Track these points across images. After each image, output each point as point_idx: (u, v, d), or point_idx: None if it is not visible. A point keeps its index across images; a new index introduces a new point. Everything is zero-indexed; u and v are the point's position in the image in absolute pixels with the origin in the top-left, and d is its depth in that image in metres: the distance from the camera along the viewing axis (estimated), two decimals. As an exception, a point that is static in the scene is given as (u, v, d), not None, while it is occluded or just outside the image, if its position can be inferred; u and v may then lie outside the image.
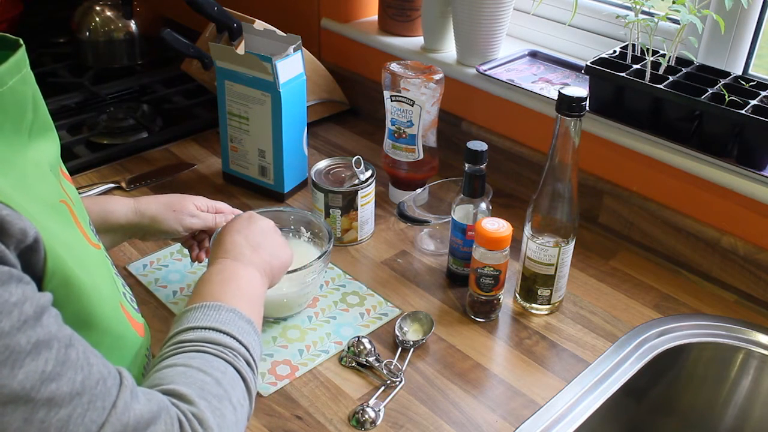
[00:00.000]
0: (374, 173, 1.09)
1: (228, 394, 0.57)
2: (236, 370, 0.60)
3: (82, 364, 0.47)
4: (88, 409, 0.46)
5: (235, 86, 1.16)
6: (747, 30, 1.07)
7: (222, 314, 0.65)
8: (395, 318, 0.95)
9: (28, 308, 0.45)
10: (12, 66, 0.52)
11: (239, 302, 0.68)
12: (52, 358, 0.45)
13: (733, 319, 0.97)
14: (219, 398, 0.56)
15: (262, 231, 0.81)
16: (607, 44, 1.22)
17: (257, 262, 0.77)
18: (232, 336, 0.63)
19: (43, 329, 0.45)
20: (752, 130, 0.95)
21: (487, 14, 1.21)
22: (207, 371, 0.58)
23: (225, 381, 0.58)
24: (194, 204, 0.94)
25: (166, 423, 0.51)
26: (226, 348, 0.61)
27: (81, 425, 0.45)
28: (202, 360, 0.59)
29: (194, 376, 0.57)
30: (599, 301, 1.01)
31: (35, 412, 0.43)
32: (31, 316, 0.45)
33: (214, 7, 1.27)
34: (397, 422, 0.81)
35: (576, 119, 0.86)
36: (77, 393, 0.46)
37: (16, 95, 0.53)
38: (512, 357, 0.91)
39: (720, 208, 1.03)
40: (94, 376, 0.48)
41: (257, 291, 0.74)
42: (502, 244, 0.91)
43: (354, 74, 1.49)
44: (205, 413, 0.54)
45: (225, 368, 0.59)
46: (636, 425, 0.98)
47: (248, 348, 0.64)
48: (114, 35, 1.65)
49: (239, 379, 0.60)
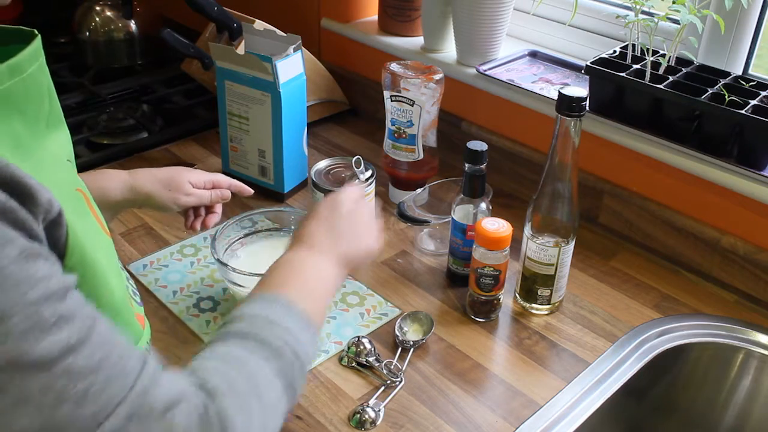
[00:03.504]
0: (374, 173, 1.09)
1: (259, 394, 0.56)
2: (275, 369, 0.59)
3: (103, 343, 0.48)
4: (106, 386, 0.46)
5: (235, 86, 1.16)
6: (747, 30, 1.07)
7: (276, 309, 0.63)
8: (395, 318, 0.95)
9: (54, 284, 0.45)
10: (31, 54, 0.53)
11: (300, 296, 0.67)
12: (75, 334, 0.45)
13: (733, 319, 0.97)
14: (248, 397, 0.55)
15: (345, 220, 0.79)
16: (607, 44, 1.22)
17: (335, 253, 0.75)
18: (280, 333, 0.61)
19: (67, 306, 0.46)
20: (752, 130, 0.95)
21: (487, 14, 1.21)
22: (242, 368, 0.57)
23: (259, 380, 0.57)
24: (190, 181, 0.95)
25: (184, 411, 0.50)
26: (269, 346, 0.60)
27: (98, 400, 0.46)
28: (241, 355, 0.58)
29: (228, 372, 0.56)
30: (599, 301, 1.01)
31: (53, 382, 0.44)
32: (56, 292, 0.45)
33: (214, 7, 1.27)
34: (397, 422, 0.81)
35: (576, 119, 0.86)
36: (95, 369, 0.46)
37: (36, 83, 0.54)
38: (512, 357, 0.91)
39: (720, 208, 1.03)
40: (114, 355, 0.48)
41: (326, 284, 0.72)
42: (502, 244, 0.91)
43: (354, 74, 1.49)
44: (230, 410, 0.53)
45: (262, 367, 0.58)
46: (636, 425, 0.98)
47: (295, 346, 0.61)
48: (114, 35, 1.65)
49: (276, 379, 0.59)
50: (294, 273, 0.70)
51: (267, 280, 0.69)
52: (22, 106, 0.53)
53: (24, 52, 0.52)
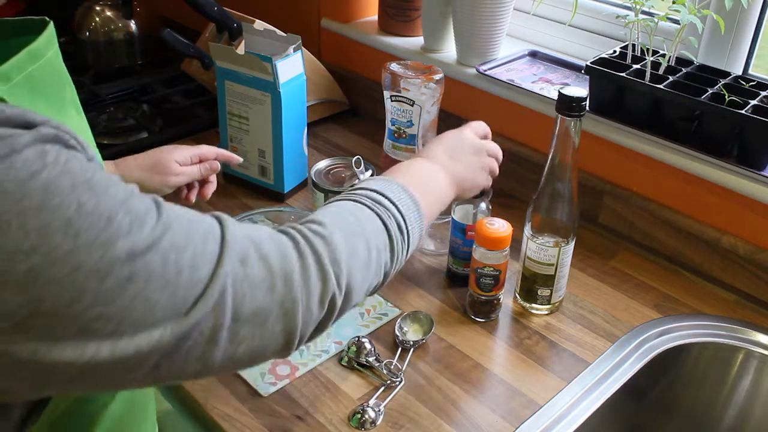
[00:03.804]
0: (374, 173, 1.09)
1: (366, 235, 0.62)
2: (384, 224, 0.65)
3: (180, 216, 0.51)
4: (205, 245, 0.51)
5: (235, 86, 1.16)
6: (747, 30, 1.07)
7: (391, 186, 0.70)
8: (395, 318, 0.95)
9: (124, 184, 0.49)
10: (47, 39, 0.54)
11: (415, 187, 0.72)
12: (163, 215, 0.49)
13: (733, 319, 0.97)
14: (356, 235, 0.61)
15: (467, 146, 0.86)
16: (607, 44, 1.22)
17: (450, 169, 0.82)
18: (392, 201, 0.68)
19: (143, 197, 0.50)
20: (752, 130, 0.95)
21: (487, 14, 1.21)
22: (354, 214, 0.63)
23: (369, 227, 0.63)
24: (176, 160, 0.97)
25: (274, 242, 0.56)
26: (382, 207, 0.66)
27: (205, 260, 0.50)
28: (354, 206, 0.65)
29: (339, 214, 0.63)
30: (599, 301, 1.01)
31: (167, 256, 0.48)
32: (129, 188, 0.49)
33: (214, 7, 1.27)
34: (397, 422, 0.81)
35: (576, 119, 0.86)
36: (190, 236, 0.50)
37: (55, 67, 0.56)
38: (512, 357, 0.91)
39: (720, 208, 1.03)
40: (194, 219, 0.52)
41: (439, 188, 0.79)
42: (502, 244, 0.91)
43: (354, 74, 1.49)
44: (335, 237, 0.59)
45: (373, 218, 0.65)
46: (636, 425, 0.98)
47: (404, 216, 0.68)
48: (114, 35, 1.65)
49: (384, 232, 0.65)
50: (412, 172, 0.77)
51: (387, 173, 0.76)
52: (45, 90, 0.54)
53: (41, 38, 0.53)
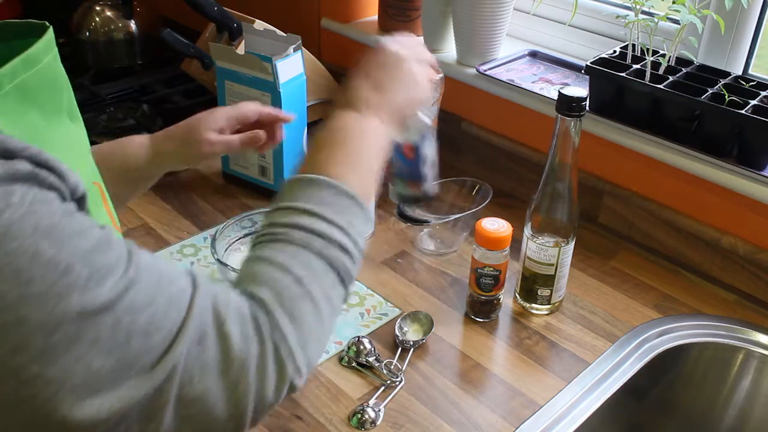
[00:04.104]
0: (374, 173, 1.09)
1: (310, 293, 0.56)
2: (325, 259, 0.58)
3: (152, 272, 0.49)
4: (167, 311, 0.48)
5: (235, 86, 1.16)
6: (747, 30, 1.07)
7: (319, 192, 0.62)
8: (395, 318, 0.95)
9: (98, 232, 0.46)
10: (45, 45, 0.53)
11: (346, 171, 0.64)
12: (131, 271, 0.47)
13: (733, 319, 0.97)
14: (299, 299, 0.56)
15: (392, 66, 0.74)
16: (607, 44, 1.22)
17: (382, 106, 0.72)
18: (326, 219, 0.60)
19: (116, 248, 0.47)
20: (752, 130, 0.95)
21: (487, 14, 1.21)
22: (289, 269, 0.56)
23: (308, 277, 0.57)
24: (210, 128, 0.90)
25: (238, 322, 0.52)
26: (315, 235, 0.59)
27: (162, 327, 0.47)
28: (286, 254, 0.58)
29: (275, 277, 0.56)
30: (599, 301, 1.01)
31: (120, 319, 0.45)
32: (102, 238, 0.46)
33: (214, 7, 1.27)
34: (397, 422, 0.81)
35: (576, 119, 0.86)
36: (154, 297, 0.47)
37: (52, 74, 0.54)
38: (512, 357, 0.91)
39: (720, 208, 1.03)
40: (165, 281, 0.49)
41: (373, 149, 0.70)
42: (502, 244, 0.91)
43: (354, 74, 1.49)
44: (281, 320, 0.54)
45: (310, 261, 0.58)
46: (636, 425, 0.98)
47: (345, 228, 0.60)
48: (114, 35, 1.65)
49: (328, 270, 0.58)
50: (338, 146, 0.67)
51: (311, 157, 0.67)
52: (40, 98, 0.53)
53: (38, 43, 0.52)
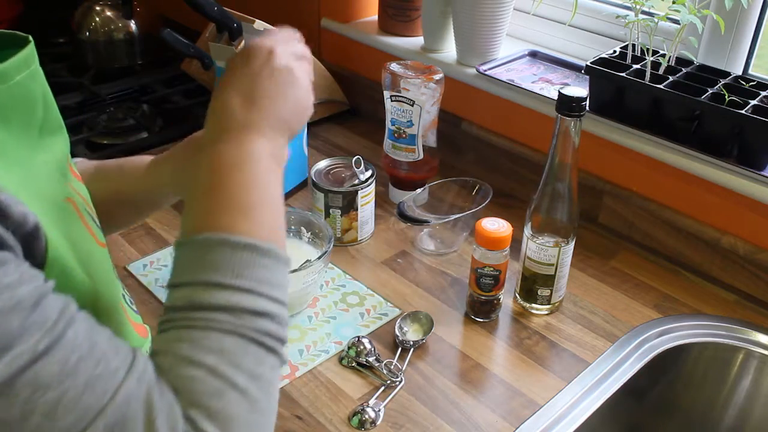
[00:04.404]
0: (374, 173, 1.09)
1: (230, 380, 0.48)
2: (237, 335, 0.49)
3: (80, 343, 0.43)
4: (84, 392, 0.42)
5: (235, 86, 1.15)
6: (747, 30, 1.07)
7: (210, 255, 0.52)
8: (395, 318, 0.95)
9: (23, 291, 0.42)
10: (20, 61, 0.52)
11: (236, 218, 0.54)
12: (45, 340, 0.41)
13: (733, 319, 0.97)
14: (218, 394, 0.47)
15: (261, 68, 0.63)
16: (607, 44, 1.22)
17: (260, 122, 0.60)
18: (226, 286, 0.50)
19: (39, 312, 0.42)
20: (752, 130, 0.95)
21: (487, 14, 1.21)
22: (198, 361, 0.48)
23: (223, 364, 0.48)
24: None
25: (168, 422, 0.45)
26: (218, 311, 0.49)
27: (74, 410, 0.41)
28: (191, 344, 0.48)
29: (184, 374, 0.47)
30: (599, 301, 1.01)
31: (17, 394, 0.40)
32: (24, 299, 0.41)
33: (214, 7, 1.27)
34: (397, 422, 0.81)
35: (576, 119, 0.86)
36: (70, 374, 0.41)
37: (24, 91, 0.53)
38: (512, 357, 0.91)
39: (720, 208, 1.03)
40: (95, 356, 0.43)
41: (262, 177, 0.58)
42: (502, 244, 0.91)
43: (354, 74, 1.49)
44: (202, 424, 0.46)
45: (221, 343, 0.48)
46: (636, 425, 0.98)
47: (253, 290, 0.51)
48: (114, 35, 1.65)
49: (246, 345, 0.49)
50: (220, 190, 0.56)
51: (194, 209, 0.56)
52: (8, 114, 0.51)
53: (12, 60, 0.51)
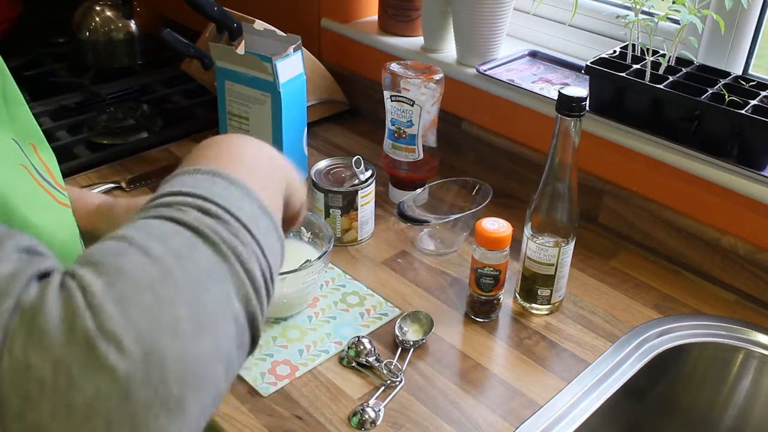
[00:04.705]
0: (374, 173, 1.09)
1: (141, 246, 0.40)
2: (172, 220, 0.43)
3: None
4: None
5: (235, 86, 1.15)
6: (747, 30, 1.07)
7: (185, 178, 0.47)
8: (395, 318, 0.95)
9: None
10: None
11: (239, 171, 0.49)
12: None
13: (733, 319, 0.97)
14: (118, 254, 0.40)
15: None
16: (607, 44, 1.22)
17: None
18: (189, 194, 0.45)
19: None
20: (752, 130, 0.95)
21: (487, 14, 1.21)
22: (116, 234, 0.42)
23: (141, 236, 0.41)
24: None
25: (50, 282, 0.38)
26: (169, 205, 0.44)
27: None
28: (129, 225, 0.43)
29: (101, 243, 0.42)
30: (599, 301, 1.01)
31: None
32: None
33: (214, 7, 1.27)
34: (397, 422, 0.81)
35: (576, 119, 0.86)
36: None
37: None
38: (512, 357, 0.91)
39: (720, 208, 1.03)
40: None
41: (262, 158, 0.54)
42: (502, 244, 0.91)
43: (354, 74, 1.49)
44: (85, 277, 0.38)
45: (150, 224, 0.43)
46: (636, 425, 0.98)
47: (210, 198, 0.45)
48: (114, 35, 1.65)
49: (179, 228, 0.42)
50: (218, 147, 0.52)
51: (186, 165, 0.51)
52: None
53: None
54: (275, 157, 0.57)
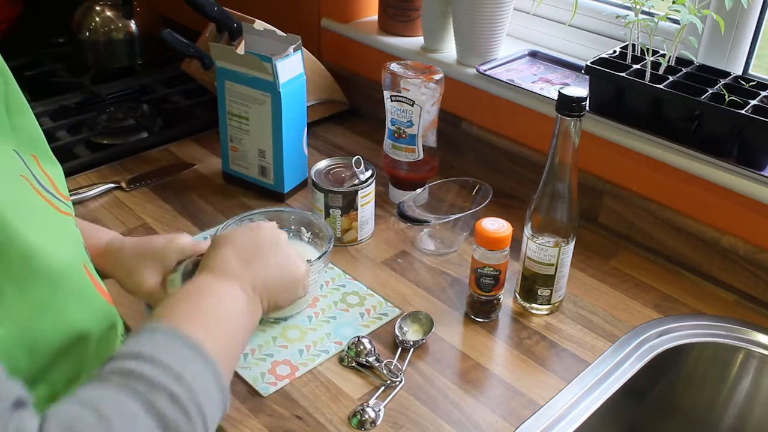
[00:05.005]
0: (374, 173, 1.09)
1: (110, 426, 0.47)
2: (144, 404, 0.49)
3: None
4: None
5: (235, 86, 1.16)
6: (747, 30, 1.07)
7: (156, 337, 0.55)
8: (395, 318, 0.95)
9: None
10: None
11: (192, 323, 0.58)
12: None
13: (733, 319, 0.97)
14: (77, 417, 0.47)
15: (261, 242, 0.73)
16: (607, 44, 1.22)
17: (245, 277, 0.68)
18: (156, 362, 0.52)
19: None
20: (752, 130, 0.95)
21: (487, 14, 1.21)
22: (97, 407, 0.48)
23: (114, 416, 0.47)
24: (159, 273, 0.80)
25: None
26: (138, 380, 0.51)
27: None
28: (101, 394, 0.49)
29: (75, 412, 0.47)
30: (599, 301, 1.01)
31: None
32: None
33: (214, 7, 1.27)
34: (397, 422, 0.81)
35: (576, 119, 0.86)
36: None
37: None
38: (512, 357, 0.91)
39: (720, 208, 1.03)
40: None
41: (229, 309, 0.65)
42: (502, 244, 0.91)
43: (354, 74, 1.49)
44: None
45: (124, 403, 0.49)
46: (636, 425, 0.98)
47: (179, 377, 0.52)
48: (114, 35, 1.65)
49: (144, 415, 0.49)
50: (189, 299, 0.63)
51: (160, 308, 0.61)
52: None
53: None
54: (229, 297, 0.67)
